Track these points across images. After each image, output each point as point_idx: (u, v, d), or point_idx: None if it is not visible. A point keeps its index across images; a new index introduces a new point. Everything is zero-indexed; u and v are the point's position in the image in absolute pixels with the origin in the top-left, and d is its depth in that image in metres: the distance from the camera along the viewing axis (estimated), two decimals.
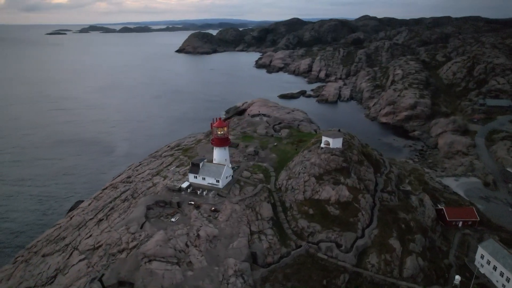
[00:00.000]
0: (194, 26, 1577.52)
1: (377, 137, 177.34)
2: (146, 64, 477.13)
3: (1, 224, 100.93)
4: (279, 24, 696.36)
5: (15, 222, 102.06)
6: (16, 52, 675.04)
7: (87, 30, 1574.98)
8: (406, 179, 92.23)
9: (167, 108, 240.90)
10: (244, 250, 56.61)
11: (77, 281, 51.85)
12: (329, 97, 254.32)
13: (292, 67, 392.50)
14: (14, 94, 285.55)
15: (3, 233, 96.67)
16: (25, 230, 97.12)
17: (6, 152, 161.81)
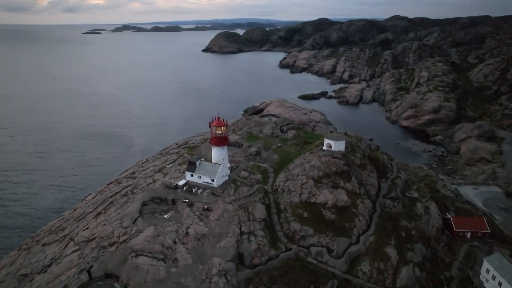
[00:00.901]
0: (222, 26, 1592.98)
1: (396, 141, 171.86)
2: (172, 63, 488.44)
3: (21, 210, 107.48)
4: (307, 24, 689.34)
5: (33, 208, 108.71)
6: (54, 50, 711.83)
7: (120, 30, 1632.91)
8: (415, 185, 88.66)
9: (187, 105, 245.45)
10: (231, 250, 56.59)
11: (68, 271, 53.89)
12: (350, 99, 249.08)
13: (316, 67, 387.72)
14: (47, 90, 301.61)
15: (21, 219, 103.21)
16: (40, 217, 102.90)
17: (35, 143, 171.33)
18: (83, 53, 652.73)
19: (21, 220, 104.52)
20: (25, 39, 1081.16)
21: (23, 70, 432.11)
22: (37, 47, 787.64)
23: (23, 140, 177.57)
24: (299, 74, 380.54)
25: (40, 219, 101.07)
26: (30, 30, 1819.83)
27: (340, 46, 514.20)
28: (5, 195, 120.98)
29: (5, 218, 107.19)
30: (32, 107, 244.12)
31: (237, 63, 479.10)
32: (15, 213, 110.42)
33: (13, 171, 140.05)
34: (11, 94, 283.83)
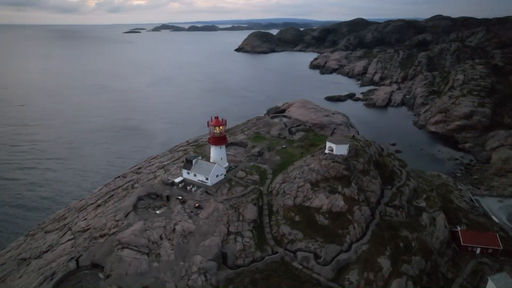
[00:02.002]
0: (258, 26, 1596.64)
1: (420, 147, 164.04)
2: (204, 61, 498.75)
3: (46, 194, 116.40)
4: (342, 24, 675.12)
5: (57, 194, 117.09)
6: (95, 48, 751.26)
7: (159, 29, 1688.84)
8: (424, 194, 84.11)
9: (211, 103, 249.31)
10: (214, 249, 56.81)
11: (59, 258, 56.70)
12: (378, 102, 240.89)
13: (347, 68, 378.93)
14: (84, 85, 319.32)
15: (46, 202, 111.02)
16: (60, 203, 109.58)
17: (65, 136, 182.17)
18: (121, 51, 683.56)
19: (45, 203, 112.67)
20: (72, 38, 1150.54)
21: (66, 66, 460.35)
22: (81, 46, 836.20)
23: (57, 131, 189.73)
24: (329, 75, 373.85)
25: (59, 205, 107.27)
26: (78, 29, 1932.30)
27: (375, 47, 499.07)
28: (35, 179, 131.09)
29: (31, 201, 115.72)
30: (69, 101, 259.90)
31: (267, 63, 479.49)
32: (41, 197, 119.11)
33: (45, 160, 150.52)
34: (53, 89, 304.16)
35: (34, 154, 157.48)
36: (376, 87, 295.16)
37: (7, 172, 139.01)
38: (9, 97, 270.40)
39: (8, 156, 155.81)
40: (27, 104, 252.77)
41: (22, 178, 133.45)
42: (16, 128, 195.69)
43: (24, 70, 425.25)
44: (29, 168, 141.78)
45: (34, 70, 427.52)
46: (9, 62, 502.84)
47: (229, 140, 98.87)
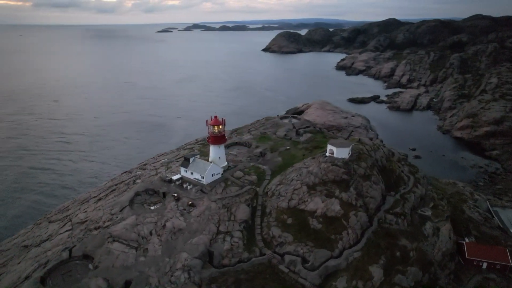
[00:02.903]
0: (289, 26, 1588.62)
1: (442, 153, 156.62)
2: (230, 61, 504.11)
3: (66, 183, 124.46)
4: (372, 25, 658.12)
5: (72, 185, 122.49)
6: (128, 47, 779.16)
7: (190, 28, 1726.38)
8: (431, 202, 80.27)
9: (232, 102, 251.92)
10: (200, 247, 57.20)
11: (55, 248, 59.36)
12: (402, 105, 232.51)
13: (374, 70, 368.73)
14: (114, 83, 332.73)
15: (64, 191, 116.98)
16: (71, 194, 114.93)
17: (91, 130, 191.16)
18: (152, 50, 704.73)
19: (64, 192, 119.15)
20: (108, 38, 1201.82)
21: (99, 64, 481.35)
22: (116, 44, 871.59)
23: (84, 125, 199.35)
24: (354, 77, 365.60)
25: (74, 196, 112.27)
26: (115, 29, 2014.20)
27: (406, 48, 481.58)
28: (58, 169, 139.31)
29: (51, 190, 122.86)
30: (98, 97, 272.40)
31: (293, 63, 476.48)
32: (61, 186, 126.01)
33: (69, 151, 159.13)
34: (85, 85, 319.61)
35: (60, 146, 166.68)
36: (403, 89, 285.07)
37: (35, 161, 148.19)
38: (46, 93, 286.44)
39: (37, 146, 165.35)
40: (60, 99, 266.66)
41: (47, 167, 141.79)
42: (48, 121, 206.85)
43: (61, 67, 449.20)
44: (54, 159, 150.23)
45: (70, 67, 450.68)
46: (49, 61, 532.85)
47: (234, 139, 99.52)
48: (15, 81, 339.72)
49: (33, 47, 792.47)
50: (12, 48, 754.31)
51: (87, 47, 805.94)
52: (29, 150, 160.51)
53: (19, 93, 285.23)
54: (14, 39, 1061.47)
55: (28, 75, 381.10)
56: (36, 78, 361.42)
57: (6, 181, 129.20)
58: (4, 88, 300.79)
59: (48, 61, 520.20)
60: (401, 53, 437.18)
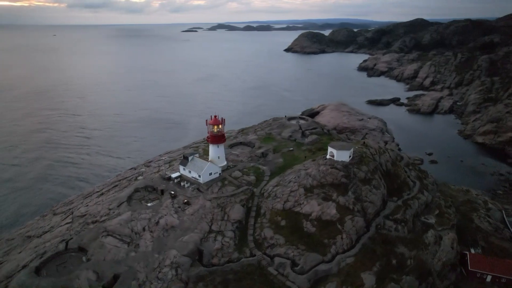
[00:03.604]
0: (314, 26, 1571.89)
1: (461, 158, 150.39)
2: (251, 61, 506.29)
3: (79, 175, 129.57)
4: (398, 25, 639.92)
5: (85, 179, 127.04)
6: (153, 46, 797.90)
7: (215, 28, 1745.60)
8: (437, 209, 77.25)
9: (248, 102, 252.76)
10: (190, 245, 57.69)
11: (54, 239, 61.60)
12: (422, 108, 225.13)
13: (396, 72, 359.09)
14: (136, 81, 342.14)
15: (74, 185, 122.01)
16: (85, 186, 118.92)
17: (110, 126, 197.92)
18: (176, 49, 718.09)
19: (80, 185, 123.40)
20: (135, 37, 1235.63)
21: (124, 63, 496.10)
22: (142, 44, 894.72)
23: (104, 121, 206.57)
24: (376, 78, 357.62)
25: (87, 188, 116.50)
26: (142, 29, 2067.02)
27: (433, 49, 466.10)
28: (77, 161, 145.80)
29: (68, 181, 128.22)
30: (120, 95, 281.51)
31: (314, 64, 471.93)
32: (78, 178, 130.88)
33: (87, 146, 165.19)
34: (109, 83, 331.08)
35: (80, 140, 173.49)
36: (425, 92, 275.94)
37: (57, 154, 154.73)
38: (72, 90, 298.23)
39: (59, 140, 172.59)
40: (84, 96, 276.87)
41: (67, 160, 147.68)
42: (71, 117, 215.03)
43: (89, 66, 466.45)
44: (74, 153, 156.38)
45: (96, 66, 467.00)
46: (78, 59, 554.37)
47: (239, 139, 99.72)
48: (45, 78, 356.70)
49: (64, 46, 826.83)
50: (45, 47, 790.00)
51: (114, 46, 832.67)
52: (53, 143, 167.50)
53: (48, 89, 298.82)
54: (48, 39, 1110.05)
55: (58, 72, 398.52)
56: (65, 75, 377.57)
57: (32, 172, 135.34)
58: (36, 84, 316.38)
59: (77, 60, 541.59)
60: (426, 54, 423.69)
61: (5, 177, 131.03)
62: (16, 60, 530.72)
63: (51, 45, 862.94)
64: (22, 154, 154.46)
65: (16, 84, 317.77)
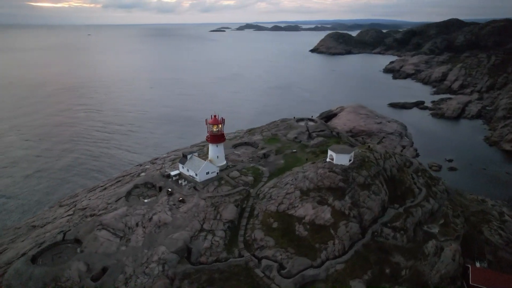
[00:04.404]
0: (342, 26, 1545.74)
1: (483, 165, 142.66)
2: (275, 61, 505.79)
3: (95, 168, 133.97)
4: (430, 26, 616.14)
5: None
6: (182, 45, 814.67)
7: (243, 28, 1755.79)
8: (442, 219, 73.78)
9: (268, 101, 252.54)
10: (179, 243, 58.43)
11: (54, 230, 64.35)
12: (447, 112, 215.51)
13: (423, 74, 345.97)
14: (161, 79, 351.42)
15: (91, 177, 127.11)
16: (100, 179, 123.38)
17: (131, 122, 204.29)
18: (203, 49, 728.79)
19: (96, 176, 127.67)
20: (165, 36, 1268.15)
21: (151, 61, 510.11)
22: (171, 43, 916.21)
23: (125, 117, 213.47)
24: (401, 80, 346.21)
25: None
26: (172, 28, 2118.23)
27: (466, 51, 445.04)
28: (96, 154, 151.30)
29: (86, 172, 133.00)
30: (144, 92, 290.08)
31: (339, 65, 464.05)
32: (94, 170, 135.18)
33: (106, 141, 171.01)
34: (134, 80, 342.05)
35: (102, 134, 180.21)
36: (452, 95, 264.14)
37: (81, 146, 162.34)
38: (99, 87, 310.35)
39: (81, 134, 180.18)
40: (109, 93, 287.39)
41: (88, 154, 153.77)
42: (95, 113, 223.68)
43: (118, 63, 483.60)
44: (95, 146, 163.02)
45: (125, 63, 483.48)
46: (109, 57, 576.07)
47: (244, 139, 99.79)
48: (77, 75, 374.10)
49: (97, 45, 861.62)
50: (80, 46, 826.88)
51: (144, 45, 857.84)
52: (79, 137, 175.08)
53: (78, 86, 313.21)
54: (83, 38, 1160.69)
55: (89, 70, 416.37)
56: (95, 73, 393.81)
57: (57, 163, 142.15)
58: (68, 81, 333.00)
59: (108, 58, 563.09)
60: (458, 56, 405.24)
61: (34, 167, 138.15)
62: (53, 58, 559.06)
63: (85, 44, 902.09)
64: (54, 146, 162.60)
65: (51, 81, 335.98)
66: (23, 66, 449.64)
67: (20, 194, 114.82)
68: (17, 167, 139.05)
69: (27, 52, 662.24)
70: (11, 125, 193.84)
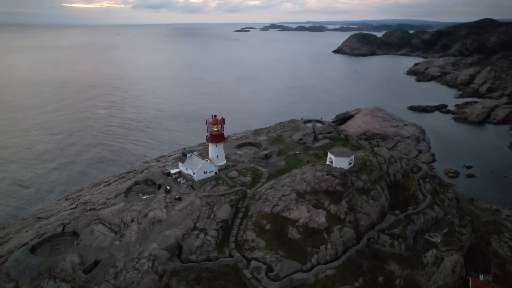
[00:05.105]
0: (369, 27, 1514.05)
1: (506, 173, 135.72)
2: (295, 61, 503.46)
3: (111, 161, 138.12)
4: (460, 26, 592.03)
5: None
6: (206, 45, 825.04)
7: (267, 28, 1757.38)
8: (446, 228, 70.81)
9: (284, 102, 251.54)
10: (171, 240, 59.19)
11: (55, 222, 66.85)
12: (471, 116, 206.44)
13: (449, 77, 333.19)
14: (182, 78, 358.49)
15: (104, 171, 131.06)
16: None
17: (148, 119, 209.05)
18: (225, 48, 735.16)
19: (113, 170, 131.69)
20: (190, 35, 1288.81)
21: (174, 60, 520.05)
22: (195, 42, 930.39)
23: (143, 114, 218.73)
24: (425, 83, 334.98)
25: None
26: (198, 28, 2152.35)
27: (498, 52, 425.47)
28: (113, 149, 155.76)
29: (101, 166, 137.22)
30: (164, 90, 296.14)
31: (361, 66, 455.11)
32: (109, 164, 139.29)
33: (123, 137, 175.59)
34: (156, 79, 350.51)
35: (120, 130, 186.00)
36: (478, 99, 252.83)
37: (103, 141, 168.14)
38: (119, 85, 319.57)
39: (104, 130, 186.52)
40: (129, 91, 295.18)
41: (108, 149, 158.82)
42: (114, 110, 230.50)
43: (141, 62, 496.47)
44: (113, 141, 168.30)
45: (148, 62, 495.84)
46: (134, 56, 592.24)
47: (249, 140, 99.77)
48: (103, 72, 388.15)
49: (124, 44, 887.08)
50: (108, 45, 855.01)
51: (169, 44, 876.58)
52: (102, 133, 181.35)
53: (103, 83, 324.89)
54: (111, 37, 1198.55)
55: (114, 67, 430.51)
56: (120, 70, 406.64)
57: (79, 158, 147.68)
58: (94, 79, 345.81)
59: (133, 56, 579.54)
60: (489, 58, 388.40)
61: (58, 160, 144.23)
62: (82, 56, 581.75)
63: (113, 43, 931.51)
64: (79, 140, 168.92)
65: (78, 78, 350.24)
66: (54, 64, 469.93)
67: (41, 186, 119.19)
68: (41, 159, 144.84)
69: (58, 50, 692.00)
70: (40, 121, 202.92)
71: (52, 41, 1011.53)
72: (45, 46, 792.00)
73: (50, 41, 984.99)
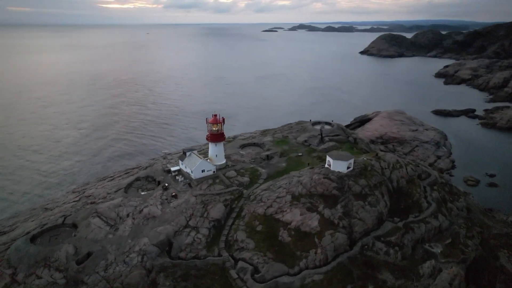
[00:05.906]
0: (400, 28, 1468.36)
1: None
2: (320, 62, 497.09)
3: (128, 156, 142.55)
4: (499, 27, 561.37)
5: None
6: (233, 44, 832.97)
7: (295, 28, 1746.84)
8: (449, 238, 67.54)
9: (302, 102, 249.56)
10: (162, 236, 60.19)
11: (58, 213, 69.80)
12: (500, 122, 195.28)
13: (481, 80, 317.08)
14: (205, 77, 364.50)
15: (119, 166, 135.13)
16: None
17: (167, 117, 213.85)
18: (252, 48, 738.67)
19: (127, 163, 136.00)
20: (219, 35, 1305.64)
21: (200, 59, 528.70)
22: (223, 42, 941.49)
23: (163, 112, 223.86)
24: (454, 86, 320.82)
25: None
26: (227, 27, 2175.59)
27: None
28: (132, 144, 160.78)
29: (118, 160, 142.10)
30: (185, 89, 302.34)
31: (387, 68, 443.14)
32: (126, 158, 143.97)
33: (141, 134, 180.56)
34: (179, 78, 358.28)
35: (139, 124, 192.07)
36: (510, 104, 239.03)
37: (121, 135, 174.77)
38: (144, 83, 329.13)
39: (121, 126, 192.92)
40: (152, 88, 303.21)
41: (126, 144, 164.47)
42: (138, 108, 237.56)
43: (168, 61, 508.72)
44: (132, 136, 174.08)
45: (175, 61, 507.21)
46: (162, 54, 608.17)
47: (255, 140, 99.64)
48: (131, 70, 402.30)
49: (154, 43, 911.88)
50: (138, 44, 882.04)
51: (197, 44, 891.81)
52: (129, 129, 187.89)
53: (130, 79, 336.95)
54: (141, 36, 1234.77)
55: (143, 65, 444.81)
56: (147, 68, 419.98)
57: (103, 154, 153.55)
58: (122, 76, 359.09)
59: (161, 55, 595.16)
60: None
61: (83, 153, 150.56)
62: (113, 54, 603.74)
63: (143, 42, 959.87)
64: (104, 134, 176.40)
65: (107, 75, 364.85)
66: (86, 62, 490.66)
67: (64, 177, 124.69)
68: (68, 153, 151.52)
69: (92, 49, 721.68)
70: (68, 117, 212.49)
71: (87, 40, 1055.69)
72: (80, 45, 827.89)
73: (85, 41, 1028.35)
